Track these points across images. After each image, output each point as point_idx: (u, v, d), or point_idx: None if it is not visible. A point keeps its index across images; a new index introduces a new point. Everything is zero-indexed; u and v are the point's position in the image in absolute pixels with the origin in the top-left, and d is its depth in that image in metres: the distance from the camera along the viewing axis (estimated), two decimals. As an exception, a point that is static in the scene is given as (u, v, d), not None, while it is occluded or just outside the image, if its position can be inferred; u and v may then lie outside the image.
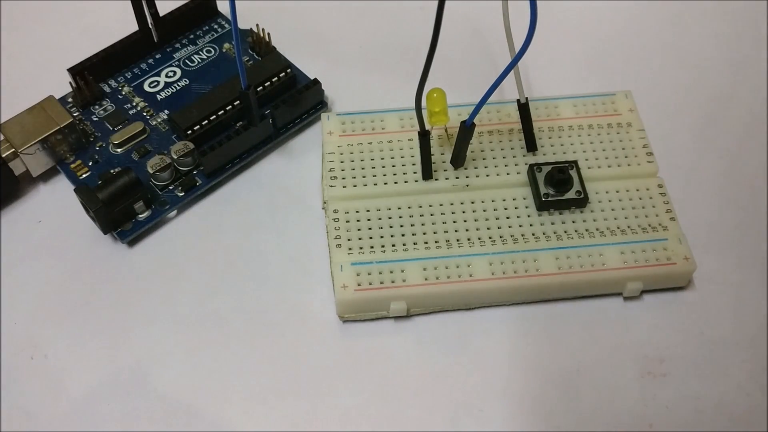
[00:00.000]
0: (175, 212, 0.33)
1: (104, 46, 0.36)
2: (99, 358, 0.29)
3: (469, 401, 0.28)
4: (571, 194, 0.31)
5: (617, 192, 0.31)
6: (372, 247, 0.30)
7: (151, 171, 0.32)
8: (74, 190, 0.32)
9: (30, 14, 0.40)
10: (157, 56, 0.37)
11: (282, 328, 0.30)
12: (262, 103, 0.34)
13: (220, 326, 0.30)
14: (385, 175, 0.32)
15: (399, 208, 0.31)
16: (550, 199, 0.31)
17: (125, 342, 0.30)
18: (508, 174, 0.32)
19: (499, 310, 0.30)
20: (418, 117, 0.29)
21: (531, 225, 0.30)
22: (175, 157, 0.33)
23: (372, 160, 0.32)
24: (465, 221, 0.31)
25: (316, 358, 0.29)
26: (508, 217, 0.31)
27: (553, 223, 0.30)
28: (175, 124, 0.34)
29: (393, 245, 0.30)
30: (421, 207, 0.31)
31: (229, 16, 0.34)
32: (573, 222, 0.31)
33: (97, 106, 0.35)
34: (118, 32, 0.36)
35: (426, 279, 0.29)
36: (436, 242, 0.30)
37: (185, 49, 0.37)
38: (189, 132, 0.33)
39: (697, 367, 0.29)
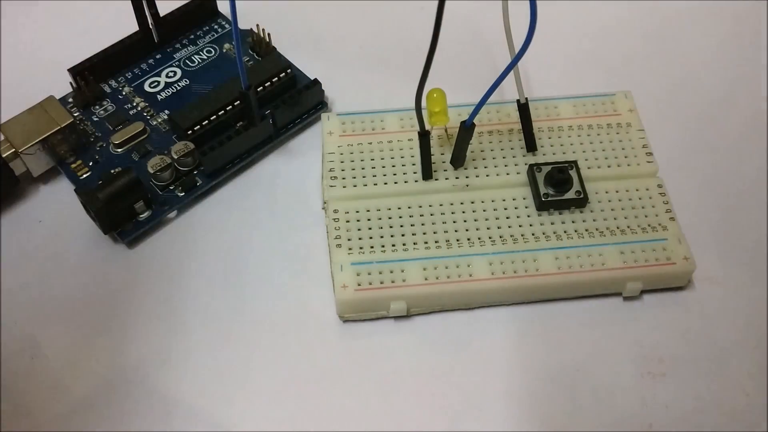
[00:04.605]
0: (175, 212, 0.33)
1: (104, 46, 0.36)
2: (99, 358, 0.29)
3: (469, 401, 0.28)
4: (570, 194, 0.31)
5: (617, 192, 0.31)
6: (372, 247, 0.30)
7: (151, 171, 0.32)
8: (75, 190, 0.32)
9: (30, 14, 0.40)
10: (158, 56, 0.37)
11: (282, 328, 0.30)
12: (262, 103, 0.34)
13: (220, 326, 0.30)
14: (385, 175, 0.32)
15: (399, 208, 0.31)
16: (549, 199, 0.31)
17: (125, 342, 0.30)
18: (508, 174, 0.32)
19: (499, 310, 0.30)
20: (418, 117, 0.29)
21: (531, 225, 0.30)
22: (176, 157, 0.33)
23: (372, 160, 0.32)
24: (465, 221, 0.31)
25: (316, 358, 0.29)
26: (508, 217, 0.31)
27: (552, 223, 0.31)
28: (176, 124, 0.34)
29: (393, 245, 0.30)
30: (421, 207, 0.31)
31: (230, 17, 0.34)
32: (573, 222, 0.31)
33: (97, 106, 0.35)
34: (118, 32, 0.36)
35: (426, 279, 0.29)
36: (436, 242, 0.30)
37: (185, 49, 0.38)
38: (189, 132, 0.33)
39: (697, 367, 0.29)
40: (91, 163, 0.34)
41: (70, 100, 0.36)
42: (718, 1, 0.40)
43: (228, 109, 0.34)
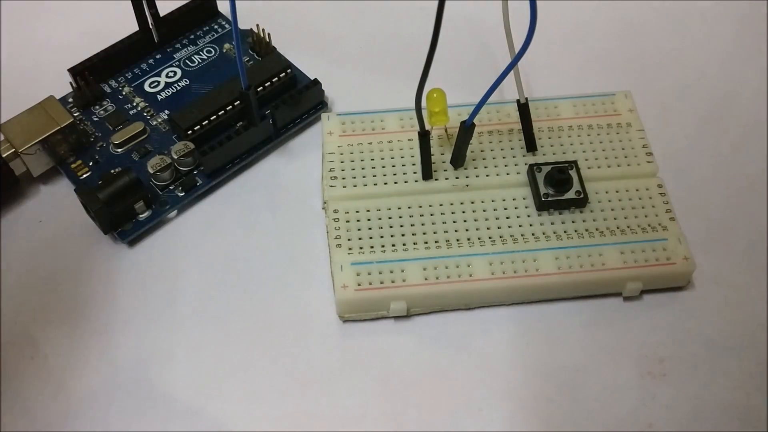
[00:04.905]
0: (175, 212, 0.33)
1: (105, 46, 0.36)
2: (99, 357, 0.29)
3: (469, 401, 0.28)
4: (570, 194, 0.31)
5: (617, 192, 0.31)
6: (372, 247, 0.30)
7: (151, 171, 0.32)
8: (74, 190, 0.32)
9: (30, 14, 0.40)
10: (158, 56, 0.37)
11: (282, 328, 0.30)
12: (262, 104, 0.34)
13: (220, 326, 0.30)
14: (385, 175, 0.32)
15: (399, 208, 0.31)
16: (549, 199, 0.31)
17: (125, 342, 0.30)
18: (508, 174, 0.32)
19: (499, 310, 0.30)
20: (418, 117, 0.29)
21: (531, 225, 0.30)
22: (176, 157, 0.33)
23: (372, 160, 0.32)
24: (465, 221, 0.31)
25: (316, 358, 0.29)
26: (508, 217, 0.31)
27: (552, 223, 0.31)
28: (176, 124, 0.34)
29: (393, 245, 0.30)
30: (421, 207, 0.31)
31: (230, 17, 0.34)
32: (573, 222, 0.31)
33: (97, 106, 0.35)
34: (118, 32, 0.36)
35: (426, 279, 0.29)
36: (436, 242, 0.30)
37: (185, 49, 0.37)
38: (189, 132, 0.33)
39: (697, 367, 0.29)
40: (91, 163, 0.34)
41: (70, 100, 0.36)
42: (718, 1, 0.40)
43: (228, 109, 0.34)
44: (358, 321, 0.30)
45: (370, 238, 0.30)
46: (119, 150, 0.34)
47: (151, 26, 0.36)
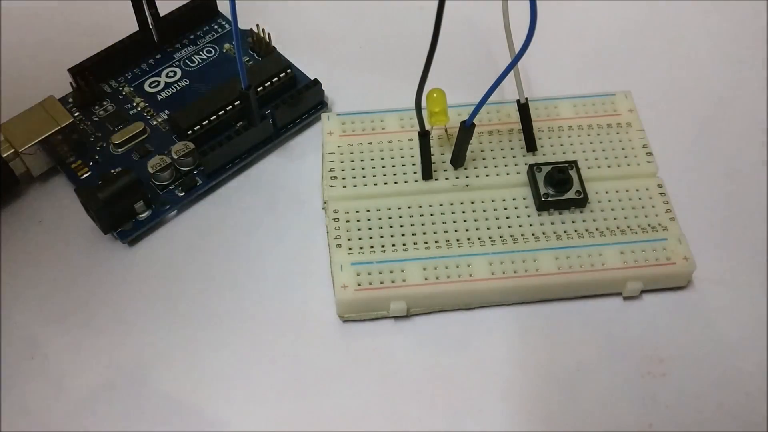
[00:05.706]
0: (175, 212, 0.33)
1: (104, 46, 0.36)
2: (99, 358, 0.29)
3: (469, 401, 0.28)
4: (570, 194, 0.31)
5: (617, 192, 0.31)
6: (372, 247, 0.30)
7: (151, 171, 0.32)
8: (74, 190, 0.32)
9: (30, 14, 0.40)
10: (158, 56, 0.37)
11: (282, 328, 0.30)
12: (262, 104, 0.34)
13: (220, 326, 0.30)
14: (385, 175, 0.32)
15: (399, 208, 0.31)
16: (549, 199, 0.31)
17: (125, 342, 0.30)
18: (507, 174, 0.32)
19: (499, 310, 0.30)
20: (418, 117, 0.29)
21: (531, 225, 0.30)
22: (176, 157, 0.33)
23: (372, 160, 0.32)
24: (465, 221, 0.31)
25: (316, 358, 0.29)
26: (508, 217, 0.31)
27: (552, 223, 0.31)
28: (176, 124, 0.34)
29: (393, 245, 0.30)
30: (421, 207, 0.31)
31: (230, 17, 0.34)
32: (573, 222, 0.31)
33: (97, 107, 0.35)
34: (118, 32, 0.36)
35: (426, 279, 0.29)
36: (436, 242, 0.30)
37: (185, 49, 0.37)
38: (189, 132, 0.33)
39: (697, 367, 0.29)
40: (91, 163, 0.34)
41: (70, 100, 0.36)
42: (718, 1, 0.40)
43: (228, 109, 0.34)
44: (358, 321, 0.30)
45: (370, 238, 0.30)
46: (119, 150, 0.34)
47: (151, 26, 0.36)
